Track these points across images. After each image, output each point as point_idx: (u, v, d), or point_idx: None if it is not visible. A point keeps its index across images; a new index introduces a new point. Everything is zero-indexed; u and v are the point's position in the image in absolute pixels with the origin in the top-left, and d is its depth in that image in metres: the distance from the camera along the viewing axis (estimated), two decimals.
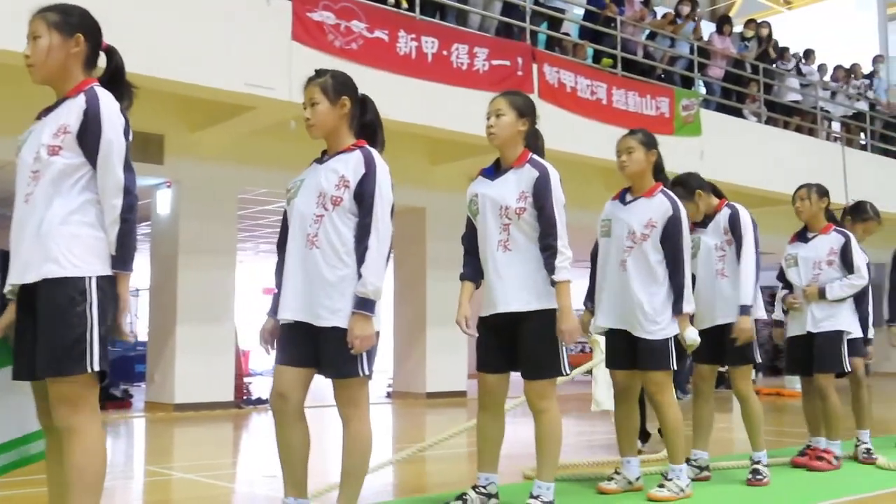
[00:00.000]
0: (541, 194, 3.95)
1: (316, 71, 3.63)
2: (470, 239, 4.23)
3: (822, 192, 5.77)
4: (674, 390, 4.69)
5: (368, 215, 3.40)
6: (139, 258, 3.18)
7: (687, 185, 5.22)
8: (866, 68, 17.56)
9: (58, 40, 2.90)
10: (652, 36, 13.04)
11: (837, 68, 16.63)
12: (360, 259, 3.38)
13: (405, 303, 12.63)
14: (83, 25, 2.96)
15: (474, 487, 4.17)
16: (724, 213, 5.19)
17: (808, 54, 16.02)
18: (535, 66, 10.42)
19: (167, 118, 9.70)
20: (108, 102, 2.88)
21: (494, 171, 4.16)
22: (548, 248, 3.93)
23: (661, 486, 4.50)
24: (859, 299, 5.85)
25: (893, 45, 25.04)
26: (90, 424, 2.82)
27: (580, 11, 12.49)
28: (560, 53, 11.41)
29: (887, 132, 16.78)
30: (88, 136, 2.83)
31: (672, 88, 12.40)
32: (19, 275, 2.85)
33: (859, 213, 6.25)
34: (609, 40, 11.97)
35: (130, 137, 2.91)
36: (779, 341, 6.12)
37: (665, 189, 4.67)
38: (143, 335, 11.99)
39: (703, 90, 13.59)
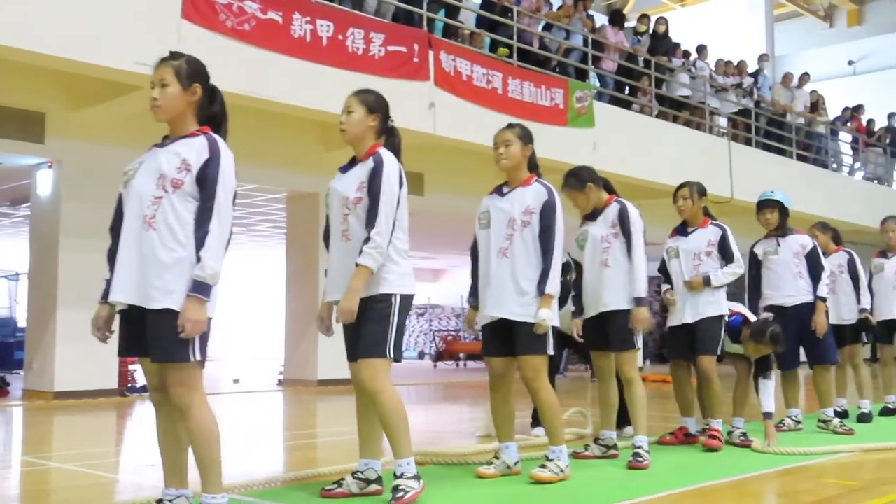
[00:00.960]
0: (372, 183, 4.04)
1: (171, 52, 3.62)
2: (327, 234, 4.33)
3: (702, 192, 6.10)
4: (548, 374, 4.77)
5: (210, 200, 3.37)
6: (19, 241, 3.01)
7: (579, 177, 5.45)
8: (754, 67, 18.13)
9: None
10: (548, 27, 13.18)
11: (728, 63, 17.12)
12: (200, 243, 3.35)
13: (297, 289, 12.50)
14: None
15: (353, 473, 4.22)
16: (614, 208, 5.41)
17: (701, 50, 16.42)
18: (431, 54, 10.42)
19: (49, 95, 9.35)
20: None
21: (348, 166, 4.25)
22: (366, 234, 4.00)
23: (543, 466, 4.62)
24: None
25: (780, 44, 25.99)
26: None
27: (477, 0, 12.53)
28: (457, 42, 11.43)
29: (771, 129, 17.40)
30: None
31: (566, 80, 12.56)
32: None
33: (757, 335, 6.03)
34: (505, 30, 12.06)
35: None
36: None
37: (540, 179, 4.80)
38: (22, 321, 11.55)
39: (596, 83, 13.81)
